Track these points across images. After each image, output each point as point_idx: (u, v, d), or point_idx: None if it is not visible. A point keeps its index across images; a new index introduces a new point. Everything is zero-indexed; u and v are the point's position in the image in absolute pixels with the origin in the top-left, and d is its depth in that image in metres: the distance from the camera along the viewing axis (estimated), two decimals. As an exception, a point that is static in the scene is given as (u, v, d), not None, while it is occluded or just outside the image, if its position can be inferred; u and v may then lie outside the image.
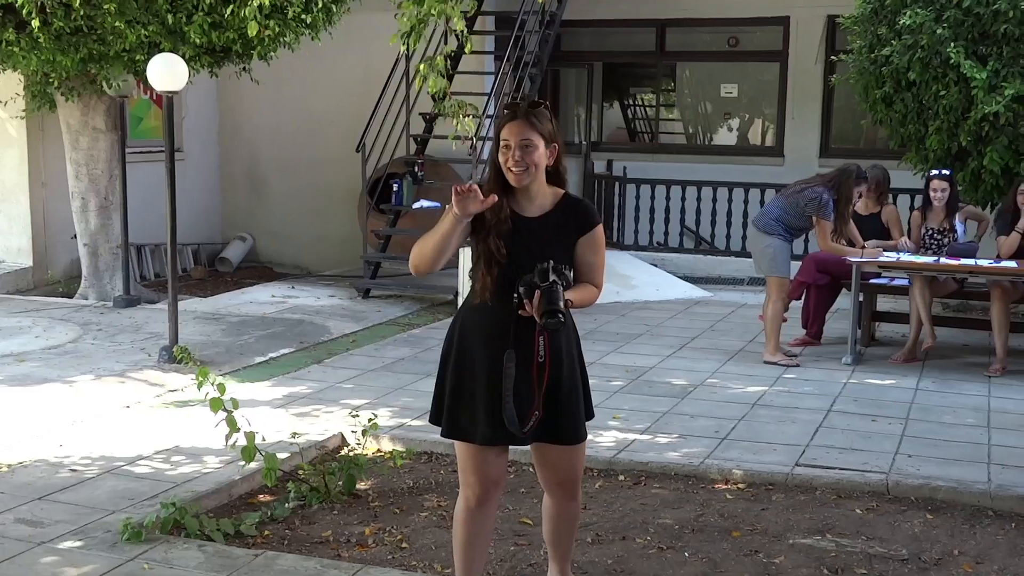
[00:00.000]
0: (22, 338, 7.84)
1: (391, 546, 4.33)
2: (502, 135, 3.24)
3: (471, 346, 3.31)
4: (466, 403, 3.31)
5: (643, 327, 8.69)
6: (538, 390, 3.21)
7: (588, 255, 3.27)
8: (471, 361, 3.30)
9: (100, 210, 9.48)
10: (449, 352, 3.38)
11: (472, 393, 3.30)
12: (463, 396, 3.32)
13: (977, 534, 4.49)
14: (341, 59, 11.70)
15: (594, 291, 3.32)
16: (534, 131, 3.23)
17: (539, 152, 3.23)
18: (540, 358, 3.20)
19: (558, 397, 3.30)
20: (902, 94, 8.55)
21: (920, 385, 6.87)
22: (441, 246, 3.19)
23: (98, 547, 4.12)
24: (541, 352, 3.20)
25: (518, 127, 3.23)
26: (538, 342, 3.19)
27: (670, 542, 4.36)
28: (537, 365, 3.20)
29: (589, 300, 3.31)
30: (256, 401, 6.24)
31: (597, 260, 3.29)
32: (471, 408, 3.31)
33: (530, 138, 3.22)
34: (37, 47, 8.03)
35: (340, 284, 10.66)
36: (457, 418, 3.34)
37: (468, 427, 3.32)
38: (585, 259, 3.29)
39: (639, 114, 14.28)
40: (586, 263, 3.30)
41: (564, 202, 3.30)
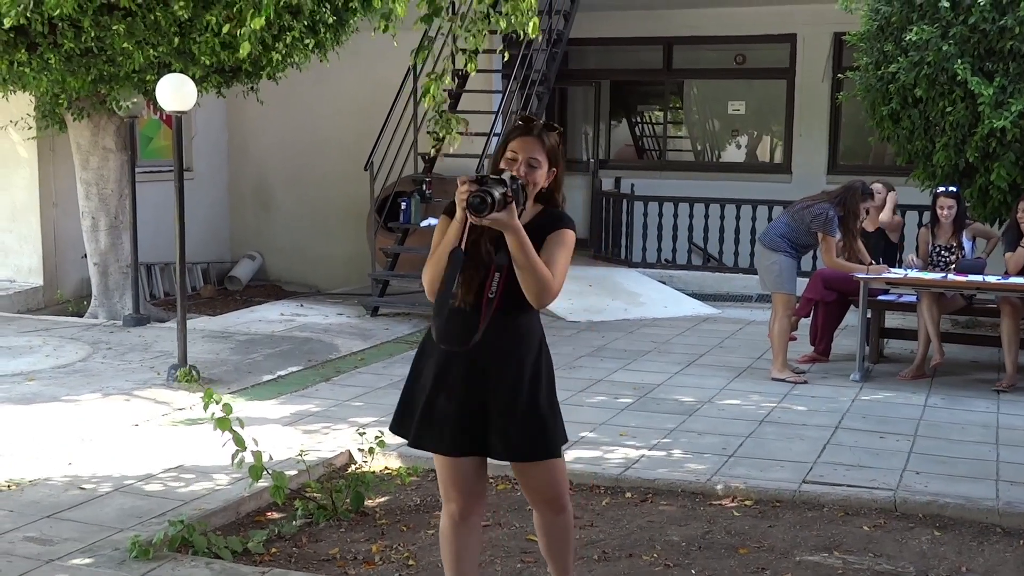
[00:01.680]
0: (32, 357, 7.88)
1: (398, 563, 4.34)
2: (511, 146, 3.24)
3: (432, 352, 3.28)
4: (432, 414, 3.27)
5: (651, 344, 8.69)
6: (483, 323, 3.13)
7: (549, 247, 3.20)
8: (434, 369, 3.27)
9: (110, 229, 9.54)
10: (417, 365, 3.36)
11: (433, 404, 3.27)
12: (429, 407, 3.28)
13: (985, 551, 4.48)
14: (349, 78, 11.77)
15: (545, 269, 3.14)
16: (543, 151, 3.24)
17: (541, 172, 3.25)
18: (491, 294, 3.15)
19: (513, 412, 3.24)
20: (909, 111, 8.57)
21: (928, 402, 6.86)
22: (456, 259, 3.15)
23: (106, 565, 4.14)
24: (493, 289, 3.15)
25: (529, 144, 3.24)
26: (492, 278, 3.15)
27: (677, 559, 4.36)
28: (486, 300, 3.15)
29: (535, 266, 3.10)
30: (264, 419, 6.25)
31: (558, 255, 3.19)
32: (436, 419, 3.27)
33: (538, 157, 3.23)
34: (48, 68, 8.10)
35: (348, 302, 10.69)
36: (424, 430, 3.31)
37: (436, 439, 3.29)
38: (546, 250, 3.20)
39: (647, 131, 14.32)
40: (546, 253, 3.19)
41: (544, 213, 3.28)
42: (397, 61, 10.83)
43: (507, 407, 3.24)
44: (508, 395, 3.24)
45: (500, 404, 3.24)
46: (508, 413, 3.24)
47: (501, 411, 3.24)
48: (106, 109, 9.08)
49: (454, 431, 3.25)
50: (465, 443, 3.27)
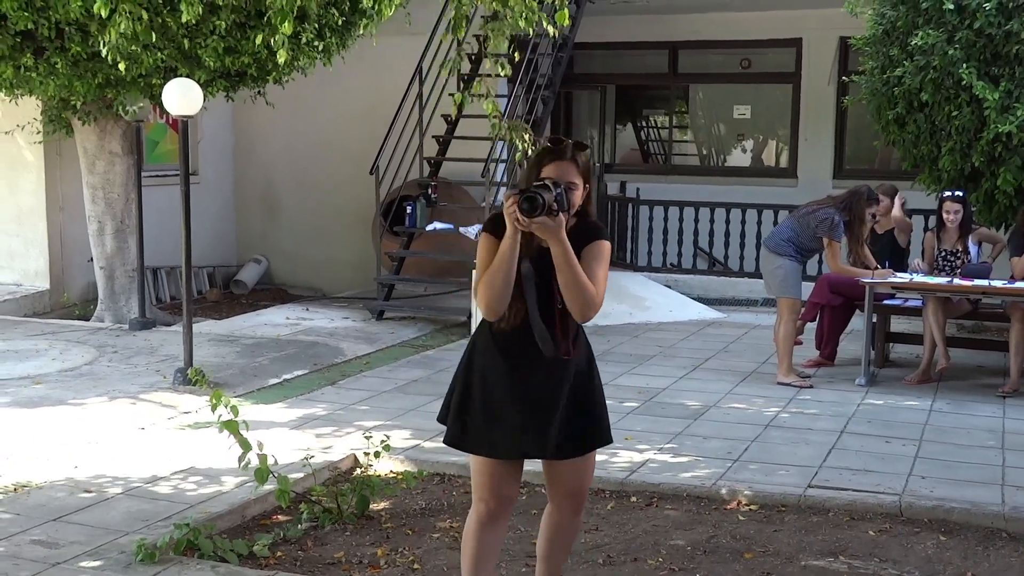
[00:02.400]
0: (38, 360, 7.90)
1: (403, 567, 4.34)
2: (545, 171, 3.24)
3: (495, 364, 3.34)
4: (487, 417, 3.35)
5: (656, 348, 8.69)
6: (563, 336, 3.27)
7: (588, 260, 3.24)
8: (496, 378, 3.34)
9: (116, 233, 9.56)
10: (471, 367, 3.40)
11: (493, 409, 3.35)
12: (486, 411, 3.36)
13: (991, 556, 4.47)
14: (355, 83, 11.79)
15: (590, 283, 3.20)
16: (578, 174, 3.28)
17: (578, 193, 3.28)
18: (559, 305, 3.24)
19: (560, 414, 3.34)
20: (915, 115, 8.56)
21: (934, 406, 6.85)
22: (509, 276, 3.19)
23: (112, 568, 4.14)
24: (560, 300, 3.22)
25: (564, 167, 3.25)
26: (556, 290, 3.22)
27: (682, 564, 4.36)
28: (559, 312, 3.25)
29: (579, 280, 3.15)
30: (270, 422, 6.27)
31: (597, 268, 3.25)
32: (492, 422, 3.35)
33: (575, 181, 3.26)
34: (54, 72, 8.12)
35: (354, 306, 10.70)
36: (477, 432, 3.38)
37: (489, 441, 3.36)
38: (585, 263, 3.24)
39: (652, 136, 14.33)
40: (585, 267, 3.24)
41: (579, 225, 3.31)
42: (402, 66, 10.87)
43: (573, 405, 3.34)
44: (573, 394, 3.34)
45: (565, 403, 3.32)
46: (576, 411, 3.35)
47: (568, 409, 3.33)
48: (112, 113, 9.11)
49: (515, 434, 3.33)
50: (526, 444, 3.35)
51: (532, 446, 3.36)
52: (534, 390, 3.32)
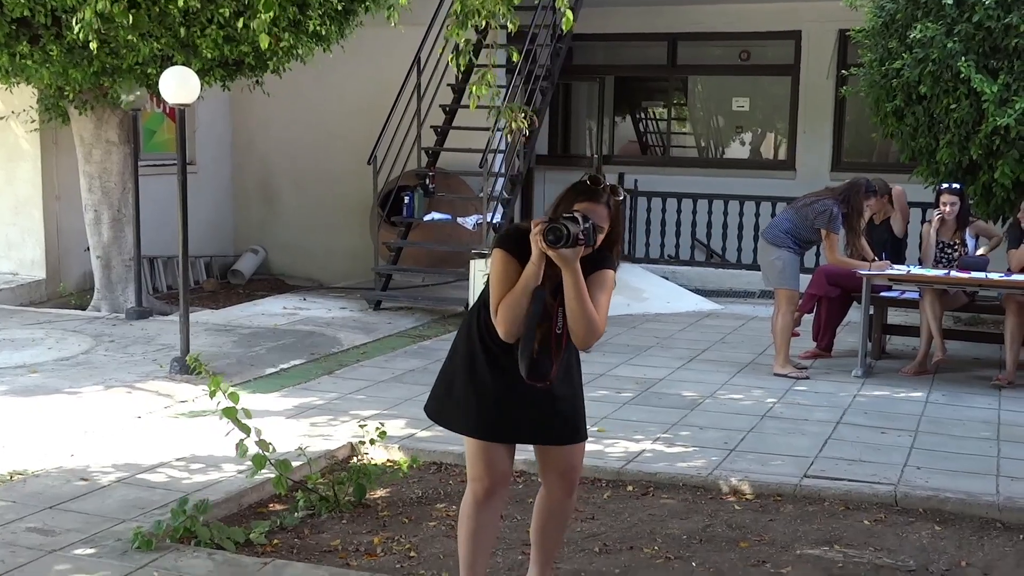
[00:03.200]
0: (35, 349, 7.90)
1: (400, 555, 4.35)
2: (577, 206, 3.24)
3: (494, 357, 3.39)
4: (485, 402, 3.40)
5: (653, 339, 8.69)
6: (556, 360, 3.33)
7: (592, 289, 3.27)
8: (492, 368, 3.39)
9: (113, 222, 9.55)
10: (471, 354, 3.44)
11: (487, 393, 3.40)
12: (479, 395, 3.41)
13: (985, 545, 4.48)
14: (353, 73, 11.77)
15: (595, 313, 3.25)
16: (607, 218, 3.30)
17: (602, 236, 3.30)
18: (558, 330, 3.31)
19: (554, 403, 3.42)
20: (913, 107, 8.56)
21: (930, 398, 6.86)
22: (529, 300, 3.23)
23: (109, 555, 4.15)
24: (560, 325, 3.30)
25: (596, 210, 3.27)
26: (557, 314, 3.29)
27: (678, 552, 4.37)
28: (555, 337, 3.32)
29: (585, 308, 3.21)
30: (267, 412, 6.26)
31: (600, 297, 3.30)
32: (487, 406, 3.40)
33: (602, 225, 3.28)
34: (49, 60, 8.10)
35: (351, 296, 10.70)
36: (469, 414, 3.44)
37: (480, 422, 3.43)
38: (589, 294, 3.28)
39: (651, 127, 14.31)
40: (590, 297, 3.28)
41: (591, 253, 3.30)
42: (400, 55, 10.85)
43: (561, 401, 3.44)
44: (559, 390, 3.42)
45: (552, 397, 3.40)
46: (561, 405, 3.44)
47: (554, 404, 3.42)
48: (109, 102, 9.08)
49: (506, 417, 3.41)
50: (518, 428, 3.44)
51: (521, 432, 3.46)
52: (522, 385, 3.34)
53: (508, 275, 3.26)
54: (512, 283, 3.24)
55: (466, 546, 3.55)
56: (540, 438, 3.50)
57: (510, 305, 3.24)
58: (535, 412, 3.42)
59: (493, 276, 3.31)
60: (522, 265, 3.24)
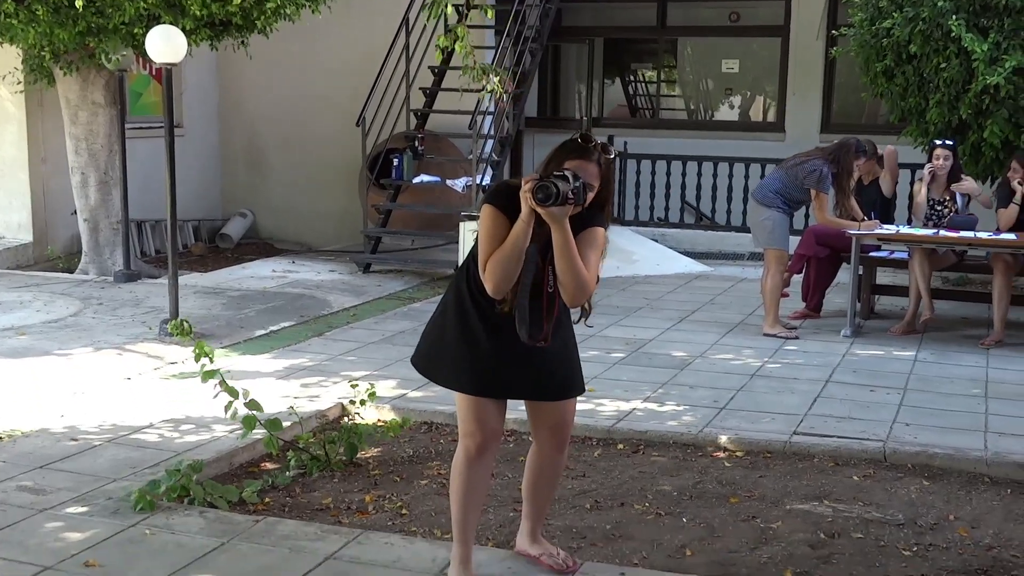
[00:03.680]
0: (22, 312, 7.86)
1: (391, 512, 4.36)
2: (568, 165, 3.22)
3: (485, 314, 3.37)
4: (477, 358, 3.39)
5: (643, 300, 8.70)
6: (548, 319, 3.33)
7: (582, 247, 3.25)
8: (484, 324, 3.38)
9: (100, 185, 9.49)
10: (462, 310, 3.41)
11: (479, 349, 3.38)
12: (471, 351, 3.39)
13: (973, 499, 4.52)
14: (341, 35, 11.67)
15: (584, 270, 3.22)
16: (598, 177, 3.28)
17: (591, 195, 3.26)
18: (550, 288, 3.31)
19: (545, 359, 3.42)
20: (903, 67, 8.53)
21: (919, 356, 6.89)
22: (521, 257, 3.22)
23: (100, 514, 4.15)
24: (551, 283, 3.30)
25: (587, 168, 3.24)
26: (547, 272, 3.29)
27: (668, 508, 4.39)
28: (547, 295, 3.32)
29: (575, 265, 3.19)
30: (257, 373, 6.26)
31: (590, 255, 3.27)
32: (480, 362, 3.39)
33: (592, 183, 3.25)
34: (35, 20, 8.02)
35: (341, 259, 10.67)
36: (461, 369, 3.43)
37: (472, 378, 3.41)
38: (580, 251, 3.25)
39: (640, 90, 14.24)
40: (580, 255, 3.26)
41: (581, 211, 3.27)
42: (389, 17, 10.77)
43: (551, 356, 3.42)
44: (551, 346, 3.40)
45: (544, 353, 3.39)
46: (552, 360, 3.44)
47: (545, 360, 3.42)
48: (95, 63, 9.00)
49: (499, 374, 3.40)
50: (510, 385, 3.43)
51: (512, 388, 3.45)
52: (512, 342, 3.34)
53: (497, 231, 3.25)
54: (501, 240, 3.22)
55: (458, 502, 3.56)
56: (531, 394, 3.51)
57: (499, 262, 3.22)
58: (527, 368, 3.41)
59: (482, 232, 3.29)
60: (511, 222, 3.22)
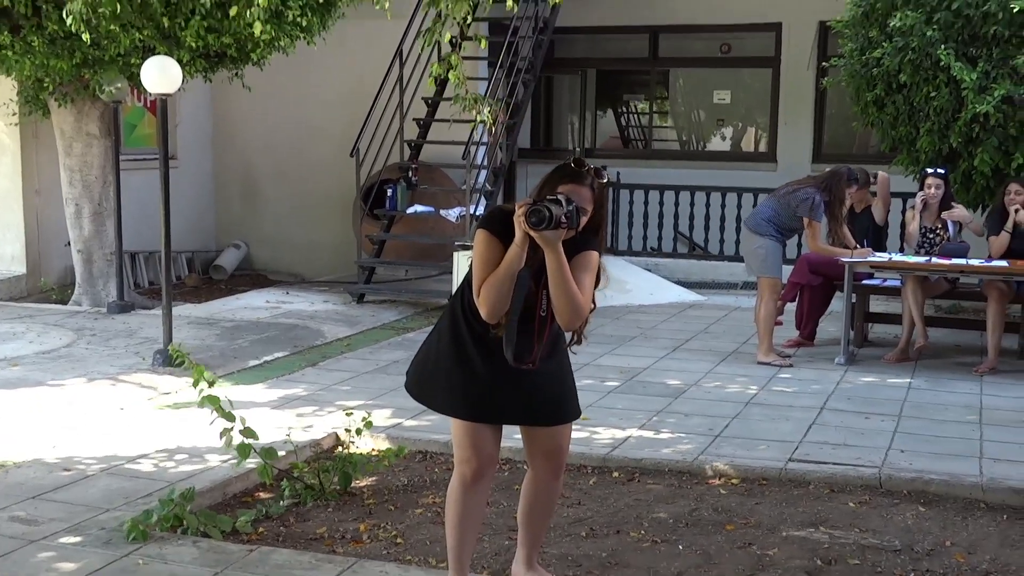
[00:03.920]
0: (15, 343, 7.84)
1: (386, 542, 4.34)
2: (561, 189, 3.25)
3: (480, 339, 3.37)
4: (472, 383, 3.40)
5: (637, 330, 8.70)
6: (538, 342, 3.33)
7: (576, 271, 3.27)
8: (479, 350, 3.38)
9: (94, 216, 9.49)
10: (456, 336, 3.42)
11: (474, 374, 3.39)
12: (465, 376, 3.40)
13: (969, 525, 4.51)
14: (334, 66, 11.74)
15: (579, 293, 3.22)
16: (591, 201, 3.30)
17: (585, 219, 3.28)
18: (542, 312, 3.32)
19: (539, 383, 3.43)
20: (893, 96, 8.59)
21: (913, 383, 6.90)
22: (514, 281, 3.23)
23: (93, 544, 4.12)
24: (543, 307, 3.31)
25: (580, 192, 3.27)
26: (540, 296, 3.29)
27: (664, 535, 4.38)
28: (539, 319, 3.33)
29: (569, 289, 3.19)
30: (251, 403, 6.23)
31: (584, 279, 3.29)
32: (474, 387, 3.40)
33: (585, 207, 3.27)
34: (31, 51, 8.06)
35: (334, 290, 10.67)
36: (456, 395, 3.43)
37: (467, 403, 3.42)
38: (573, 275, 3.27)
39: (632, 121, 14.32)
40: (574, 279, 3.28)
41: (574, 235, 3.28)
42: (383, 48, 10.83)
43: (546, 381, 3.43)
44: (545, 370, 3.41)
45: (538, 378, 3.41)
46: (547, 385, 3.46)
47: (540, 384, 3.43)
48: (90, 94, 9.03)
49: (493, 399, 3.41)
50: (504, 410, 3.44)
51: (506, 413, 3.46)
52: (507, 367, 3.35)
53: (491, 256, 3.26)
54: (495, 264, 3.24)
55: (454, 530, 3.55)
56: (526, 419, 3.51)
57: (493, 286, 3.23)
58: (521, 393, 3.42)
59: (476, 257, 3.31)
60: (506, 247, 3.24)
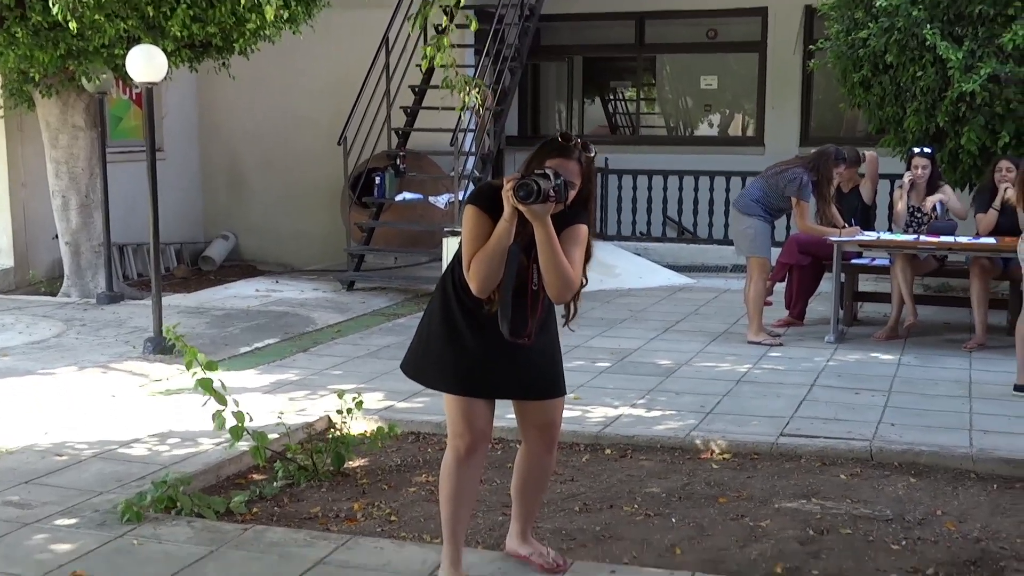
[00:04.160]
0: (5, 334, 7.82)
1: (380, 519, 4.35)
2: (549, 163, 3.25)
3: (471, 314, 3.39)
4: (464, 358, 3.41)
5: (627, 312, 8.72)
6: (532, 317, 3.35)
7: (566, 245, 3.28)
8: (470, 325, 3.40)
9: (81, 208, 9.46)
10: (447, 312, 3.43)
11: (465, 349, 3.40)
12: (457, 352, 3.41)
13: (960, 495, 4.54)
14: (320, 56, 11.71)
15: (569, 267, 3.25)
16: (579, 175, 3.30)
17: (574, 193, 3.29)
18: (534, 287, 3.33)
19: (531, 358, 3.44)
20: (880, 77, 8.62)
21: (902, 360, 6.93)
22: (504, 256, 3.24)
23: (87, 526, 4.12)
24: (535, 281, 3.32)
25: (568, 166, 3.27)
26: (532, 270, 3.30)
27: (657, 509, 4.40)
28: (531, 293, 3.34)
29: (559, 263, 3.22)
30: (243, 388, 6.21)
31: (573, 252, 3.30)
32: (466, 362, 3.41)
33: (575, 181, 3.28)
34: (15, 42, 8.02)
35: (324, 278, 10.67)
36: (448, 370, 3.44)
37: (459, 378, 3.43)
38: (563, 249, 3.28)
39: (620, 107, 14.33)
40: (564, 252, 3.29)
41: (563, 209, 3.29)
42: (369, 36, 10.80)
43: (537, 356, 3.45)
44: (536, 345, 3.42)
45: (530, 353, 3.41)
46: (538, 360, 3.47)
47: (531, 359, 3.44)
48: (75, 86, 8.99)
49: (485, 374, 3.42)
50: (496, 385, 3.45)
51: (499, 387, 3.47)
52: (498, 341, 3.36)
53: (481, 232, 3.27)
54: (484, 240, 3.24)
55: (448, 505, 3.54)
56: (518, 393, 3.51)
57: (482, 261, 3.24)
58: (513, 368, 3.43)
59: (465, 233, 3.31)
60: (494, 222, 3.24)
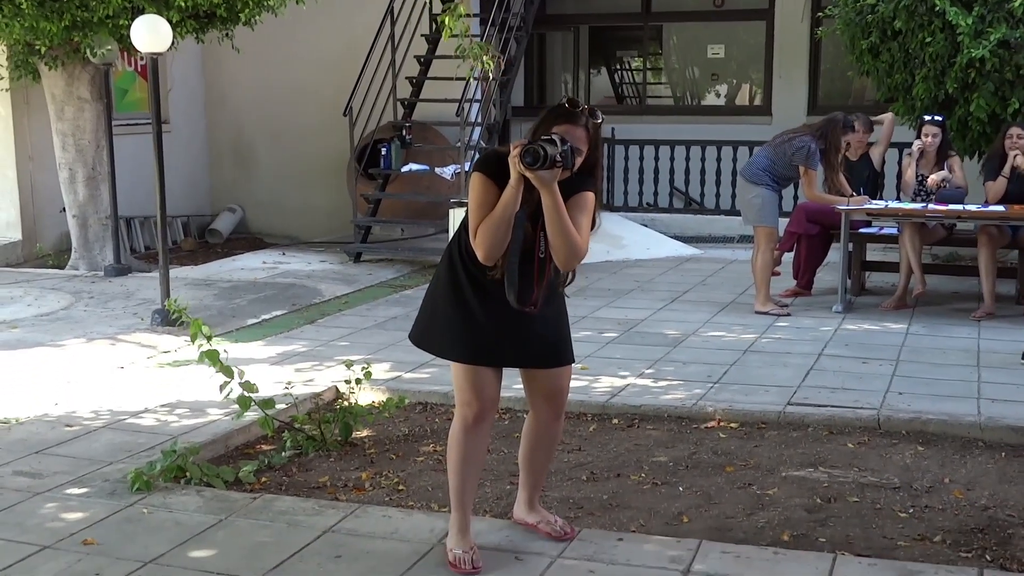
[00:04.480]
0: (13, 307, 7.84)
1: (388, 489, 4.36)
2: (556, 130, 3.24)
3: (478, 283, 3.39)
4: (471, 326, 3.41)
5: (634, 283, 8.71)
6: (538, 284, 3.35)
7: (573, 212, 3.28)
8: (476, 293, 3.40)
9: (88, 180, 9.46)
10: (454, 280, 3.43)
11: (473, 317, 3.41)
12: (465, 320, 3.42)
13: (968, 463, 4.54)
14: (326, 26, 11.66)
15: (576, 233, 3.24)
16: (586, 141, 3.29)
17: (580, 160, 3.27)
18: (541, 254, 3.33)
19: (538, 326, 3.44)
20: (888, 43, 8.55)
21: (910, 329, 6.91)
22: (511, 223, 3.23)
23: (97, 495, 4.15)
24: (542, 249, 3.32)
25: (575, 132, 3.26)
26: (538, 238, 3.30)
27: (664, 478, 4.40)
28: (538, 261, 3.34)
29: (566, 229, 3.22)
30: (251, 359, 6.24)
31: (580, 219, 3.29)
32: (474, 331, 3.41)
33: (580, 147, 3.26)
34: (20, 14, 7.99)
35: (331, 250, 10.66)
36: (456, 338, 3.44)
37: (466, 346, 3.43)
38: (570, 216, 3.28)
39: (626, 77, 14.25)
40: (571, 219, 3.29)
41: (570, 176, 3.28)
42: (373, 7, 10.75)
43: (544, 324, 3.46)
44: (543, 313, 3.42)
45: (536, 321, 3.42)
46: (545, 329, 3.47)
47: (538, 327, 3.44)
48: (80, 58, 8.97)
49: (492, 341, 3.42)
50: (503, 353, 3.45)
51: (506, 356, 3.47)
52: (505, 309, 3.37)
53: (487, 199, 3.26)
54: (491, 207, 3.24)
55: (455, 471, 3.56)
56: (526, 362, 3.52)
57: (489, 228, 3.24)
58: (519, 336, 3.43)
59: (472, 200, 3.31)
60: (501, 189, 3.24)
